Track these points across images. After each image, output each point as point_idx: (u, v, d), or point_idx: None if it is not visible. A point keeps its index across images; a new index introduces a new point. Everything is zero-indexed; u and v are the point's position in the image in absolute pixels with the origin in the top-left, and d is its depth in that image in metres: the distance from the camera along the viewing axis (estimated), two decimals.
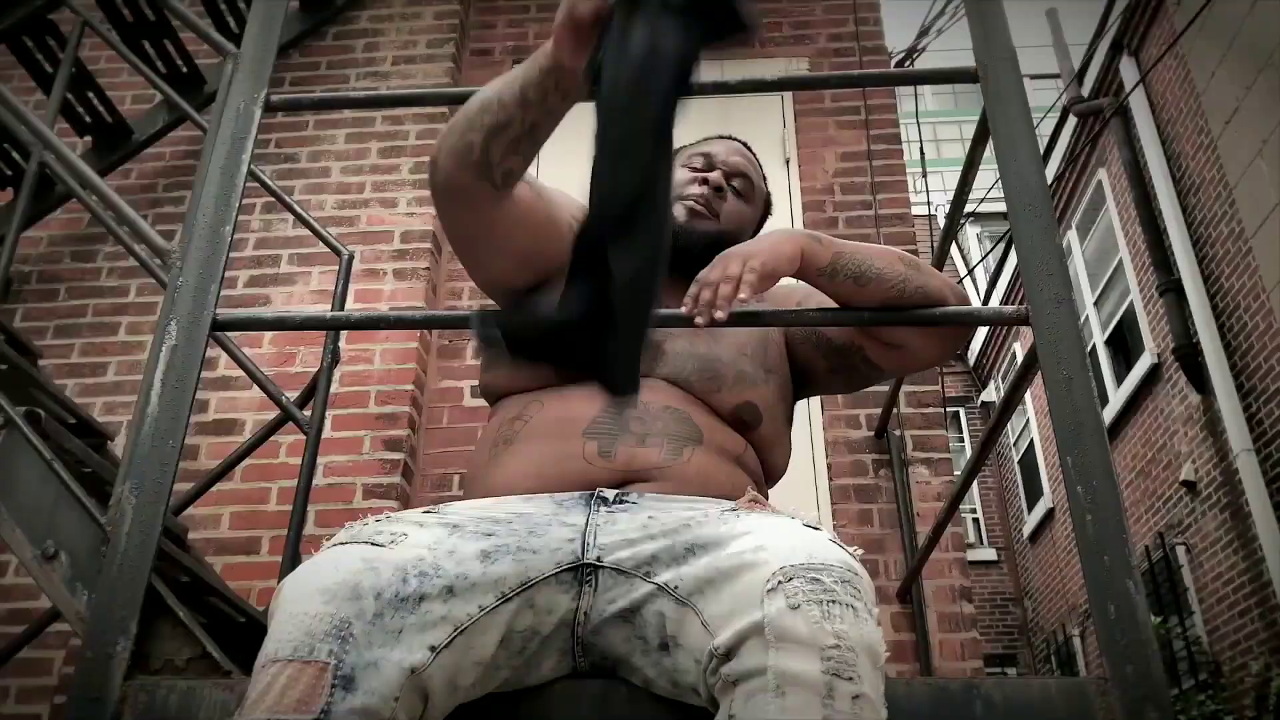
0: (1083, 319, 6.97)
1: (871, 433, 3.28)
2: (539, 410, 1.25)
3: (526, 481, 1.18)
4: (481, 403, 3.48)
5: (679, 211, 1.42)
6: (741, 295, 1.16)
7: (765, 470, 1.37)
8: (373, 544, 0.98)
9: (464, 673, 0.95)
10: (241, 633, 2.01)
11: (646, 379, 1.27)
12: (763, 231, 1.54)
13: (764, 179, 1.56)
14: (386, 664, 0.88)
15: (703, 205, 1.43)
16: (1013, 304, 8.90)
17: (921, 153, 6.57)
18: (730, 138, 1.55)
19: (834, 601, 0.87)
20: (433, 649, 0.92)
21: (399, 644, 0.90)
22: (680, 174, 1.47)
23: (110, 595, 1.13)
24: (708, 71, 1.02)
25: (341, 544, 1.00)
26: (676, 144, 1.58)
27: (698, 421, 1.25)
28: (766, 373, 1.37)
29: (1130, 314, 7.35)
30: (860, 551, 1.01)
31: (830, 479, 3.22)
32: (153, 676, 1.26)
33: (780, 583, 0.88)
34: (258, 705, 0.85)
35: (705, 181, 1.44)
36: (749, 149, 1.55)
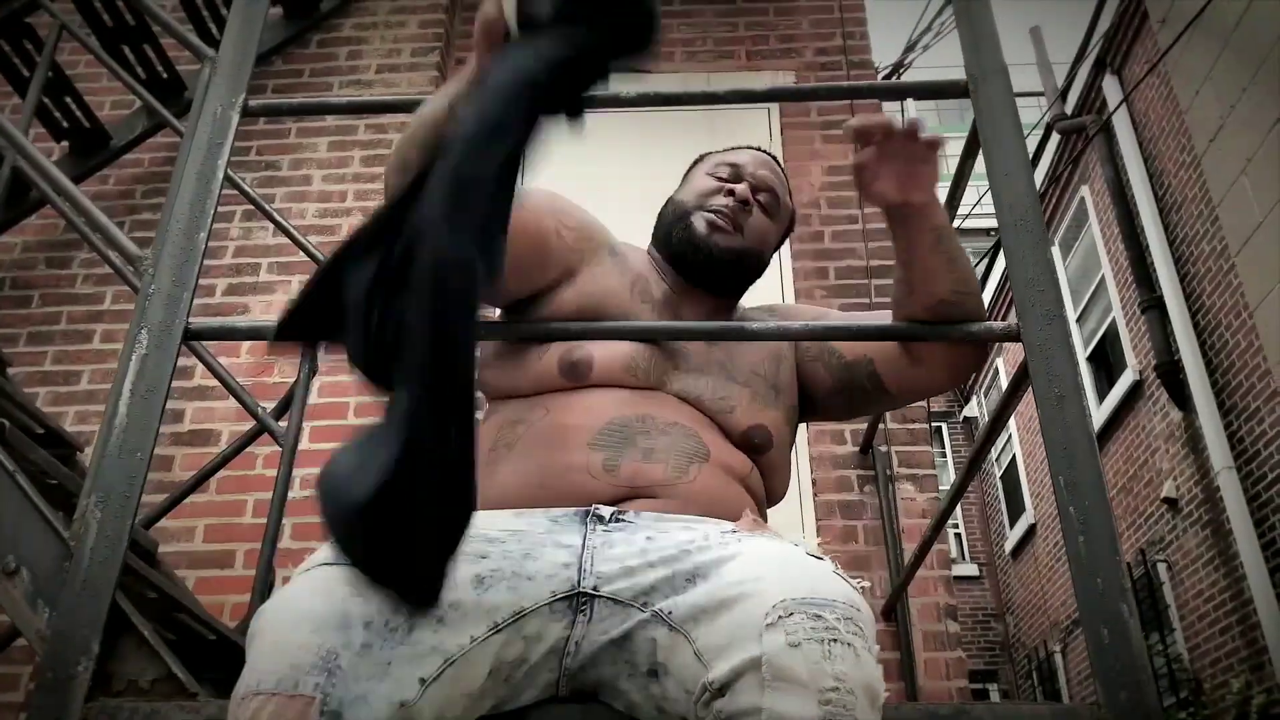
0: None
1: (857, 448, 3.25)
2: (543, 415, 1.20)
3: (525, 492, 1.14)
4: None
5: (699, 222, 1.36)
6: (925, 136, 1.18)
7: (766, 493, 1.32)
8: None
9: (452, 704, 0.91)
10: (212, 651, 1.96)
11: (657, 392, 1.23)
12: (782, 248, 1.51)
13: (790, 194, 1.49)
14: (375, 697, 0.84)
15: (726, 219, 1.36)
16: (998, 320, 8.94)
17: None
18: (758, 149, 1.48)
19: (835, 640, 0.84)
20: (422, 681, 0.87)
21: (388, 676, 0.86)
22: (705, 182, 1.41)
23: (73, 613, 1.09)
24: (695, 83, 1.00)
25: (327, 564, 0.94)
26: (699, 150, 1.53)
27: (705, 439, 1.21)
28: (777, 393, 1.33)
29: (1112, 331, 7.38)
30: (867, 584, 0.98)
31: (815, 494, 3.19)
32: (115, 699, 1.22)
33: (780, 617, 0.85)
34: None
35: (731, 194, 1.38)
36: (777, 161, 1.49)
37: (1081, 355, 7.86)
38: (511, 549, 1.00)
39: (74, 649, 1.07)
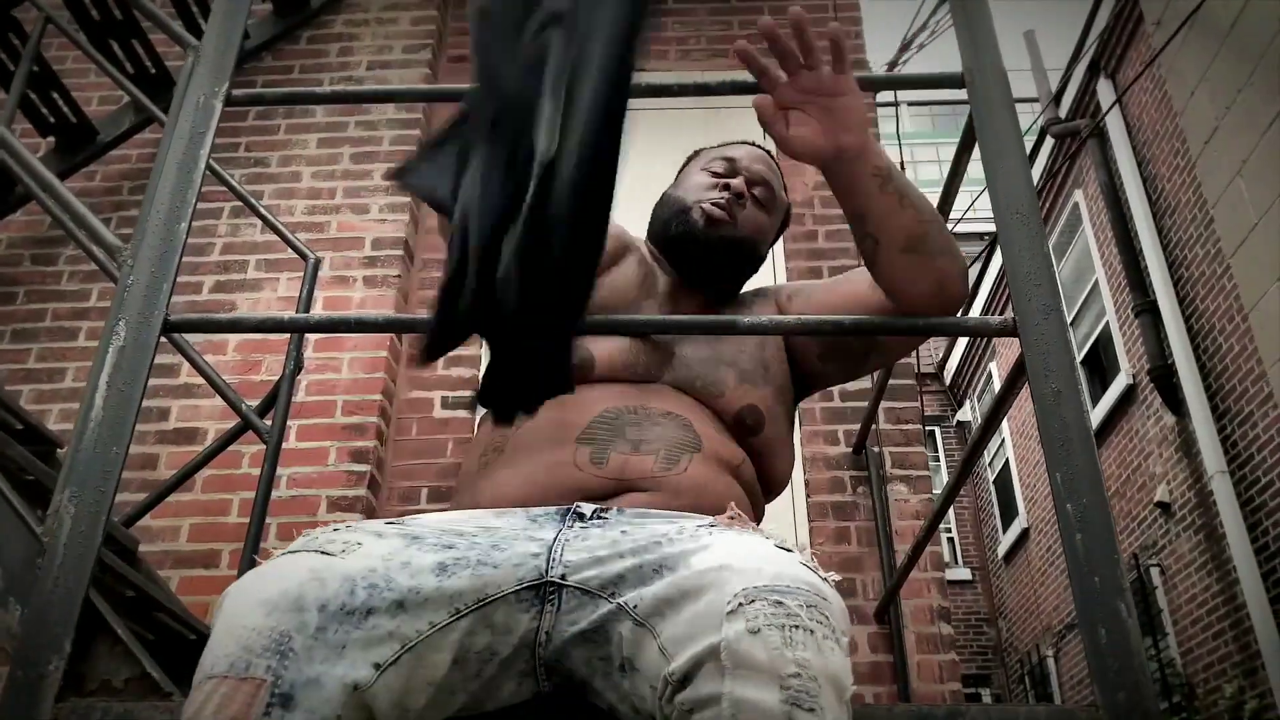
0: None
1: (850, 449, 3.23)
2: (531, 416, 1.20)
3: (517, 490, 1.13)
4: (452, 414, 3.42)
5: (696, 216, 1.37)
6: (825, 59, 1.18)
7: (767, 479, 1.32)
8: (323, 553, 0.93)
9: (414, 693, 0.89)
10: (192, 650, 1.93)
11: (651, 385, 1.24)
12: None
13: (785, 188, 1.50)
14: (328, 680, 0.83)
15: (722, 210, 1.37)
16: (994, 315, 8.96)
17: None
18: (753, 144, 1.50)
19: (797, 627, 0.81)
20: (377, 666, 0.86)
21: (342, 659, 0.85)
22: (700, 178, 1.43)
23: (44, 611, 1.06)
24: (689, 76, 0.98)
25: (293, 551, 0.94)
26: (694, 150, 1.52)
27: (698, 429, 1.21)
28: (766, 369, 1.33)
29: (1106, 335, 7.37)
30: (838, 578, 0.95)
31: (808, 495, 3.17)
32: (87, 699, 1.19)
33: (741, 605, 0.82)
34: None
35: (727, 188, 1.39)
36: (772, 156, 1.49)
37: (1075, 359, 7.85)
38: (481, 541, 0.99)
39: (45, 647, 1.04)
